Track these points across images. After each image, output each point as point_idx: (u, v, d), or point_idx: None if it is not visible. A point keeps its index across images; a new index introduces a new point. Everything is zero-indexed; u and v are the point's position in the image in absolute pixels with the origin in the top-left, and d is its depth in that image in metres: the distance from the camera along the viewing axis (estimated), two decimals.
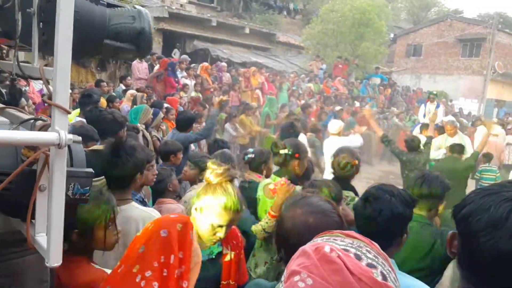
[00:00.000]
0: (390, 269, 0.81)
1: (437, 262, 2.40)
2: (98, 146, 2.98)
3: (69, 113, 1.12)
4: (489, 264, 0.90)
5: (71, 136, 1.10)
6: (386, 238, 1.74)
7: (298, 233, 1.34)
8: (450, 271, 3.02)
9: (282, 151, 2.57)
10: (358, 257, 0.79)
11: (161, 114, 5.95)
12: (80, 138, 1.14)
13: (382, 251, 0.86)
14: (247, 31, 18.31)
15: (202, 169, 2.96)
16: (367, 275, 0.75)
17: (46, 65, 1.21)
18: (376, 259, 0.80)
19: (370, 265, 0.78)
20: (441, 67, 23.06)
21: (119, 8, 1.41)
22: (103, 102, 7.37)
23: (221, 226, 1.68)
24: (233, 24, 18.41)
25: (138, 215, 2.07)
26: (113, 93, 8.34)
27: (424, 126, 7.78)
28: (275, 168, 3.07)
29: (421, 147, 5.81)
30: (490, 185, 1.00)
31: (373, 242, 0.87)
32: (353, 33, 16.35)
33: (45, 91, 6.00)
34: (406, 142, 5.94)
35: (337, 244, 0.83)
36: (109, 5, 1.33)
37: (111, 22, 1.33)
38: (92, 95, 4.94)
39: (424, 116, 10.96)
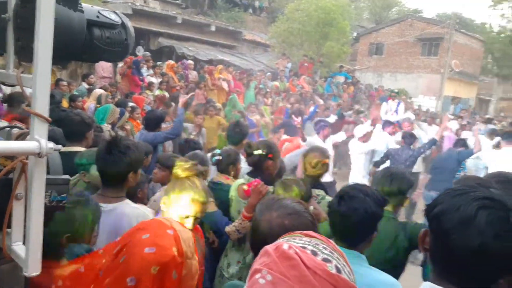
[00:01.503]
0: (345, 263, 0.88)
1: (400, 254, 2.52)
2: (78, 148, 2.92)
3: (50, 121, 1.11)
4: (460, 259, 0.98)
5: (51, 144, 1.09)
6: (358, 235, 1.83)
7: (275, 236, 1.39)
8: None
9: (256, 152, 2.60)
10: (314, 253, 0.86)
11: (127, 114, 5.85)
12: (60, 147, 1.13)
13: (338, 248, 0.93)
14: (213, 28, 18.21)
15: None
16: (321, 268, 0.82)
17: (22, 72, 1.19)
18: (331, 255, 0.87)
19: (325, 260, 0.85)
20: (402, 66, 23.85)
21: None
22: (64, 102, 7.16)
23: (188, 217, 1.79)
24: (199, 22, 18.25)
25: (131, 212, 2.07)
26: (75, 92, 8.10)
27: (387, 124, 8.05)
28: (245, 169, 3.09)
29: None
30: (459, 186, 1.09)
31: (329, 240, 0.94)
32: (318, 33, 16.61)
33: None
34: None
35: (295, 243, 0.89)
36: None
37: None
38: (54, 95, 4.79)
39: (386, 113, 11.32)
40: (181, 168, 1.81)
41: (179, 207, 1.79)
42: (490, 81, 27.66)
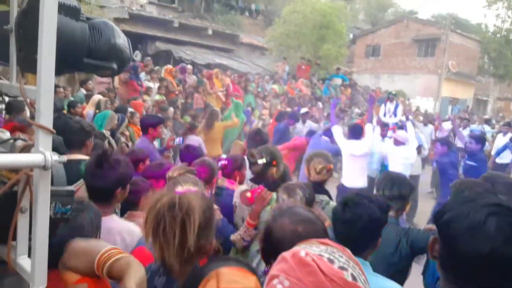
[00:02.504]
0: (360, 272, 0.90)
1: (403, 260, 2.51)
2: (77, 156, 2.89)
3: (54, 133, 1.09)
4: (471, 265, 0.98)
5: (56, 157, 1.08)
6: (363, 241, 1.82)
7: (289, 242, 1.40)
8: None
9: (260, 161, 2.59)
10: (331, 261, 0.87)
11: (127, 120, 5.83)
12: (65, 159, 1.11)
13: (353, 257, 0.94)
14: (210, 32, 18.23)
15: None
16: (338, 276, 0.84)
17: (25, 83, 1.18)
18: (347, 263, 0.89)
19: (341, 268, 0.86)
20: (399, 67, 23.91)
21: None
22: None
23: None
24: (195, 25, 18.27)
25: (117, 227, 2.05)
26: (72, 98, 8.08)
27: (385, 126, 8.09)
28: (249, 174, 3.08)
29: None
30: (467, 194, 1.09)
31: (345, 248, 0.96)
32: (314, 35, 16.65)
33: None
34: None
35: (312, 250, 0.90)
36: (88, 19, 1.30)
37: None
38: (55, 103, 4.75)
39: (385, 115, 11.34)
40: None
41: None
42: (487, 81, 27.74)
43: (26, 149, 1.15)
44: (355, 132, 5.74)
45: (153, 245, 1.40)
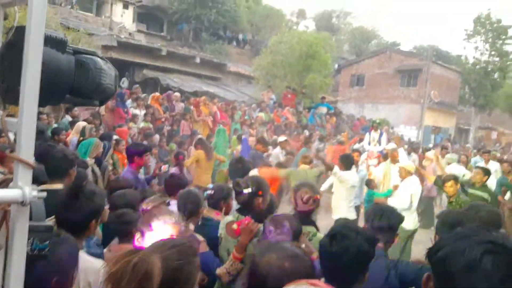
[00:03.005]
0: None
1: None
2: (58, 186, 2.81)
3: (34, 167, 1.06)
4: None
5: (35, 192, 1.04)
6: (350, 274, 1.78)
7: (275, 278, 1.38)
8: None
9: (246, 190, 2.55)
10: None
11: (112, 149, 5.78)
12: (45, 194, 1.07)
13: None
14: (197, 60, 18.45)
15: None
16: None
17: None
18: None
19: None
20: (383, 96, 24.41)
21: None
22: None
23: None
24: (183, 54, 18.48)
25: (81, 266, 1.87)
26: (55, 125, 7.98)
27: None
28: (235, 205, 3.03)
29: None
30: (460, 229, 1.09)
31: None
32: (300, 65, 16.97)
33: None
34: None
35: None
36: (76, 52, 1.29)
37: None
38: (43, 131, 4.68)
39: (369, 143, 11.45)
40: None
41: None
42: (468, 111, 28.44)
43: (4, 183, 1.11)
44: (348, 163, 5.76)
45: None
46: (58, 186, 2.99)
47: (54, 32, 1.19)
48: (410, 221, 5.46)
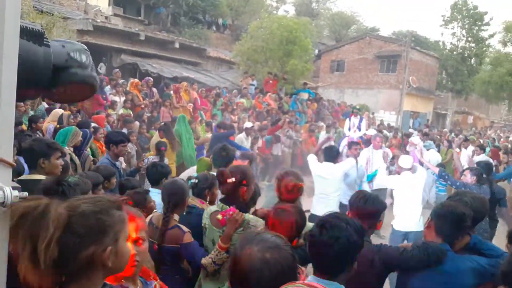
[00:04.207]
0: None
1: (377, 278, 2.51)
2: (37, 176, 2.74)
3: (13, 166, 1.01)
4: None
5: (16, 192, 1.00)
6: (339, 264, 1.79)
7: (256, 270, 1.38)
8: None
9: (229, 180, 2.54)
10: None
11: (92, 137, 5.66)
12: (26, 194, 1.03)
13: None
14: (177, 45, 18.13)
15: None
16: None
17: None
18: None
19: None
20: (362, 82, 24.62)
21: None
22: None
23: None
24: (162, 39, 18.13)
25: None
26: (32, 112, 7.76)
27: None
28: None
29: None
30: None
31: None
32: (281, 50, 16.86)
33: None
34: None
35: None
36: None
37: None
38: (20, 123, 4.53)
39: (349, 129, 11.56)
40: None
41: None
42: (445, 96, 29.01)
43: None
44: (331, 155, 5.47)
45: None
46: (36, 176, 2.92)
47: (30, 23, 1.14)
48: None
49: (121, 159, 5.58)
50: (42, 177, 2.90)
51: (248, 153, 5.51)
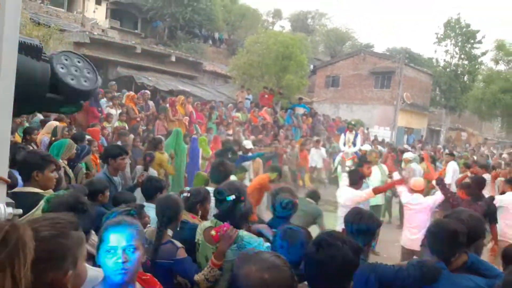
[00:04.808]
0: None
1: None
2: (32, 189, 2.70)
3: (8, 183, 1.00)
4: None
5: (10, 209, 0.99)
6: (335, 283, 1.78)
7: None
8: None
9: (229, 198, 2.51)
10: None
11: (90, 154, 5.64)
12: (21, 211, 1.02)
13: None
14: (173, 59, 18.21)
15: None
16: None
17: None
18: None
19: None
20: (357, 97, 24.81)
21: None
22: (16, 136, 6.77)
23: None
24: (158, 52, 18.22)
25: None
26: (27, 124, 7.71)
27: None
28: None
29: None
30: None
31: None
32: (277, 65, 17.00)
33: None
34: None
35: None
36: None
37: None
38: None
39: (344, 144, 11.58)
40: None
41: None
42: (439, 112, 29.25)
43: None
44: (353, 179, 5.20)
45: None
46: (30, 189, 2.88)
47: (28, 38, 1.14)
48: None
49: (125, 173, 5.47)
50: (36, 190, 2.87)
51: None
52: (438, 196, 5.22)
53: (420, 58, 33.58)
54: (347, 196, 4.99)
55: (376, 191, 5.08)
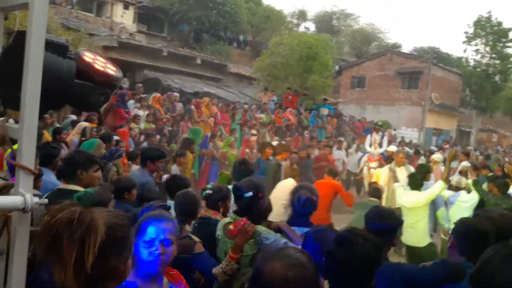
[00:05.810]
0: None
1: None
2: (74, 187, 2.79)
3: (35, 174, 1.06)
4: None
5: (36, 199, 1.04)
6: (357, 281, 1.74)
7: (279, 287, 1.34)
8: None
9: (247, 194, 2.55)
10: None
11: (122, 157, 5.79)
12: (46, 201, 1.07)
13: None
14: (198, 61, 18.44)
15: None
16: None
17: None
18: None
19: None
20: (383, 98, 24.40)
21: None
22: (46, 135, 7.02)
23: None
24: (184, 55, 18.48)
25: None
26: (57, 124, 7.98)
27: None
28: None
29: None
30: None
31: None
32: (301, 66, 16.93)
33: None
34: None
35: None
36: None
37: None
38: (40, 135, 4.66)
39: (370, 145, 11.42)
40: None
41: None
42: (469, 113, 28.40)
43: (5, 189, 1.10)
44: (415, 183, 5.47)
45: (52, 266, 1.18)
46: (73, 187, 2.97)
47: (55, 37, 1.19)
48: None
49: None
50: (78, 188, 2.95)
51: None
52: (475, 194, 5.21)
53: (449, 58, 32.76)
54: (419, 197, 5.24)
55: (445, 180, 5.23)
